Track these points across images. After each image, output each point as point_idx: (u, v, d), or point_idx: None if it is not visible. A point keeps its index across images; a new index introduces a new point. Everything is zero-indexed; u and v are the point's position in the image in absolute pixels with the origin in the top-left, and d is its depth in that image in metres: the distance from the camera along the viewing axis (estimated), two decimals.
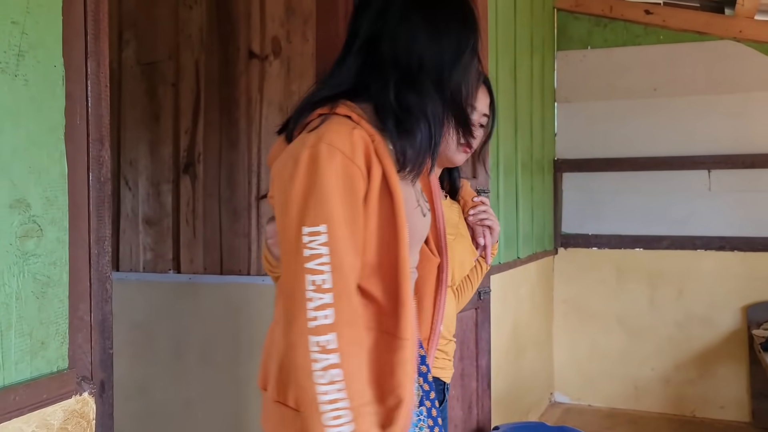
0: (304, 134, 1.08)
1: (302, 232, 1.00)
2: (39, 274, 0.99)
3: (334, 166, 1.01)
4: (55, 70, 1.02)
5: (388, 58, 1.11)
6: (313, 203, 1.00)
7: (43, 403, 0.98)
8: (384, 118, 1.09)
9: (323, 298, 0.99)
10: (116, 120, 3.25)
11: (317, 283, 0.99)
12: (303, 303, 0.99)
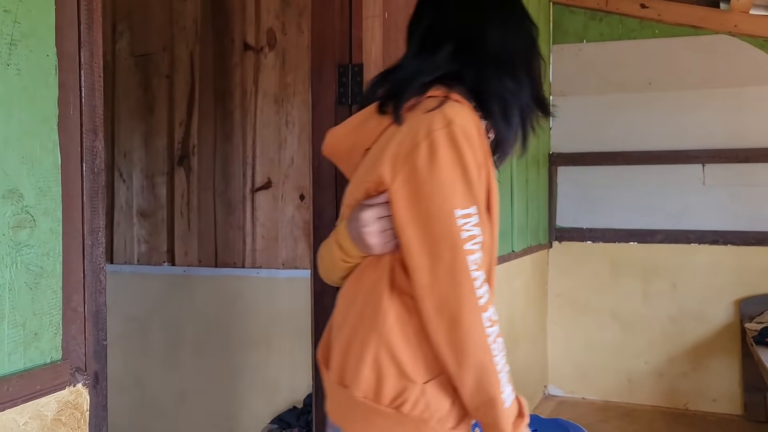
0: (425, 114, 1.06)
1: (455, 215, 1.02)
2: (32, 265, 0.98)
3: (470, 149, 1.03)
4: (47, 59, 1.01)
5: (482, 46, 1.13)
6: (461, 186, 1.02)
7: (37, 394, 0.98)
8: (489, 105, 1.11)
9: (481, 276, 1.03)
10: (110, 112, 3.24)
11: (477, 263, 1.03)
12: (470, 284, 1.02)
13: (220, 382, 3.03)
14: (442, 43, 1.13)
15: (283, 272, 2.91)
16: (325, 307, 1.92)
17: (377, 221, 1.09)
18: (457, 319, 1.01)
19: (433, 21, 1.17)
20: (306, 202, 2.87)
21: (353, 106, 1.88)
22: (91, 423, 1.08)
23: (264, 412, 2.88)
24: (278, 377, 2.92)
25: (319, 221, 1.93)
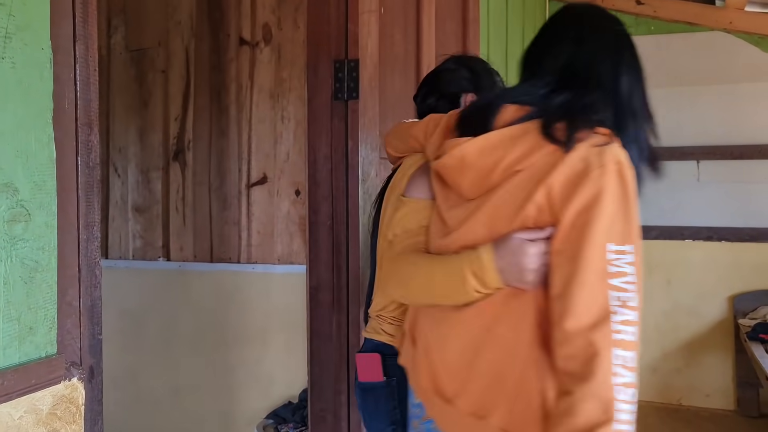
0: (595, 148, 1.06)
1: (607, 249, 1.01)
2: (27, 259, 0.98)
3: (634, 191, 1.04)
4: (42, 53, 1.00)
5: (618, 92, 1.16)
6: (622, 223, 1.02)
7: (32, 389, 0.98)
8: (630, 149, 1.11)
9: (628, 315, 0.99)
10: (105, 107, 3.23)
11: (622, 299, 1.00)
12: (607, 315, 0.99)
13: (215, 377, 3.03)
14: (585, 83, 1.16)
15: (279, 268, 2.91)
16: (320, 302, 1.92)
17: (540, 257, 1.07)
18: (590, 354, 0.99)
19: (572, 59, 1.18)
20: (301, 198, 2.87)
21: (349, 101, 1.88)
22: (87, 417, 1.08)
23: (259, 407, 2.88)
24: (273, 372, 2.92)
25: (314, 217, 1.93)
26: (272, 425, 2.67)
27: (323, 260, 1.92)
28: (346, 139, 1.88)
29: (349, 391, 1.91)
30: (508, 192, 1.10)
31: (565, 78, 1.16)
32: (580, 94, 1.14)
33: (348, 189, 1.89)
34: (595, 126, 1.10)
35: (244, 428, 2.94)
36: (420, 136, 1.35)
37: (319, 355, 1.93)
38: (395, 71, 2.08)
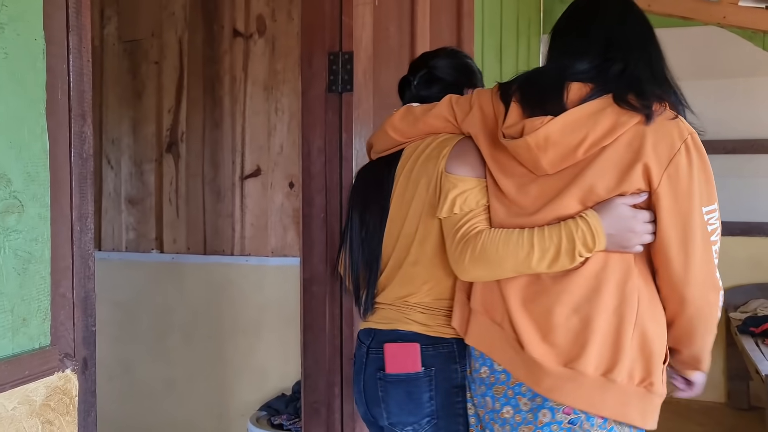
0: (672, 121, 1.23)
1: (704, 211, 1.22)
2: (20, 250, 0.98)
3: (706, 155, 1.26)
4: (35, 43, 1.00)
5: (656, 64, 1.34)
6: (706, 186, 1.23)
7: (25, 380, 0.98)
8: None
9: (717, 261, 1.25)
10: (98, 98, 3.21)
11: (717, 252, 1.25)
12: (714, 270, 1.25)
13: (208, 370, 3.03)
14: (629, 57, 1.29)
15: (273, 260, 2.92)
16: (314, 294, 1.92)
17: (647, 223, 1.23)
18: (706, 301, 1.25)
19: (616, 35, 1.31)
20: (295, 190, 2.86)
21: (343, 93, 1.88)
22: (80, 408, 1.08)
23: (253, 399, 2.89)
24: (267, 364, 2.93)
25: (308, 209, 1.93)
26: (265, 417, 2.68)
27: (317, 253, 1.92)
28: (340, 131, 1.88)
29: (343, 383, 1.91)
30: (602, 168, 1.22)
31: (611, 52, 1.27)
32: (632, 67, 1.27)
33: (342, 181, 1.89)
34: (658, 100, 1.24)
35: (237, 420, 2.95)
36: (451, 118, 1.41)
37: (313, 348, 1.94)
38: (390, 64, 2.08)
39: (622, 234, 1.21)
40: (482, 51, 3.32)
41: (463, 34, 2.54)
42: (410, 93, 1.60)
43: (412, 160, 1.45)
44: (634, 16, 1.35)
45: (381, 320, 1.46)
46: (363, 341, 1.49)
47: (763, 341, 3.38)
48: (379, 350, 1.43)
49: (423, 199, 1.40)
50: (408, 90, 1.61)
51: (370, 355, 1.45)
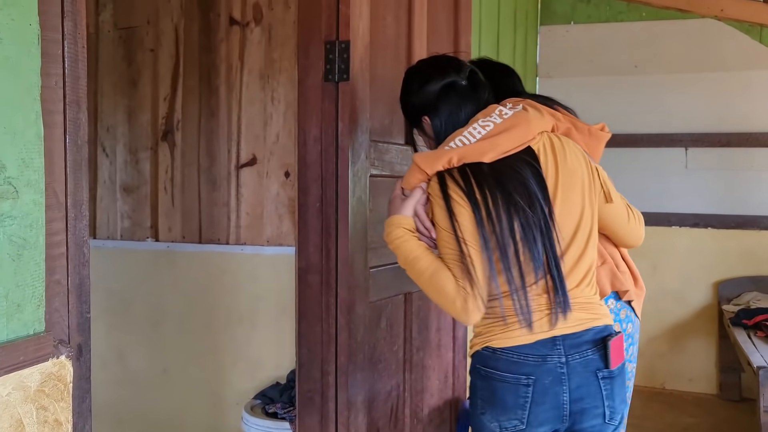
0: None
1: None
2: (15, 236, 0.98)
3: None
4: (30, 28, 0.99)
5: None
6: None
7: (20, 365, 0.98)
8: None
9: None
10: (93, 86, 3.20)
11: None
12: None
13: (203, 358, 3.04)
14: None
15: (268, 249, 2.92)
16: (309, 284, 1.93)
17: None
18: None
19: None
20: (291, 180, 2.86)
21: (339, 83, 1.87)
22: (75, 395, 1.08)
23: (247, 388, 2.90)
24: (261, 353, 2.94)
25: (304, 198, 1.93)
26: (260, 405, 2.69)
27: (312, 242, 1.92)
28: (336, 121, 1.88)
29: (337, 372, 1.92)
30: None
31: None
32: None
33: (338, 171, 1.88)
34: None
35: (232, 408, 2.96)
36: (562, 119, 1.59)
37: (308, 337, 1.94)
38: (386, 54, 2.08)
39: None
40: (479, 42, 3.31)
41: (460, 25, 2.54)
42: (459, 93, 1.55)
43: (556, 157, 1.45)
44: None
45: (571, 323, 1.41)
46: (551, 352, 1.40)
47: (755, 333, 3.41)
48: (587, 351, 1.41)
49: (583, 193, 1.45)
50: (454, 90, 1.55)
51: (577, 359, 1.40)
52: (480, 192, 1.39)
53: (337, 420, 1.92)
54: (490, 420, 1.43)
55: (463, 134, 1.46)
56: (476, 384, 1.47)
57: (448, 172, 1.43)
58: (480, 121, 1.48)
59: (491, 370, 1.42)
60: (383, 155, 2.04)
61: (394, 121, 2.13)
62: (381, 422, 2.10)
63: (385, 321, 2.11)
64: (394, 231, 1.48)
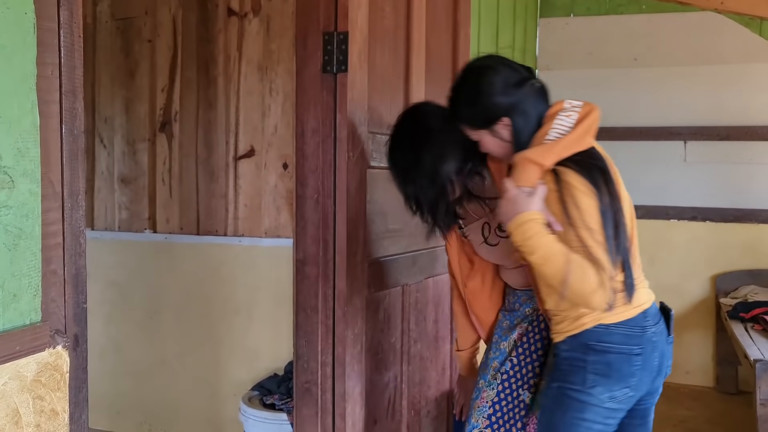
0: None
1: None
2: (10, 226, 0.97)
3: None
4: (26, 17, 0.99)
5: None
6: None
7: (16, 355, 0.98)
8: None
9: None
10: (90, 77, 3.18)
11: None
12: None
13: (201, 349, 3.04)
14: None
15: (266, 241, 2.92)
16: (307, 275, 1.93)
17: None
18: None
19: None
20: (289, 171, 2.86)
21: (338, 74, 1.87)
22: (71, 385, 1.08)
23: (245, 379, 2.91)
24: (259, 345, 2.94)
25: (302, 190, 1.93)
26: (258, 397, 2.69)
27: (310, 234, 1.92)
28: (334, 112, 1.87)
29: (335, 363, 1.92)
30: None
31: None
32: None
33: (336, 162, 1.88)
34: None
35: (229, 400, 2.97)
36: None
37: (305, 328, 1.95)
38: (385, 45, 2.07)
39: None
40: (478, 34, 3.30)
41: (459, 17, 2.53)
42: (536, 92, 1.59)
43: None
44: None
45: (645, 299, 1.62)
46: (646, 324, 1.59)
47: (752, 327, 3.41)
48: (659, 322, 1.64)
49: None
50: (533, 89, 1.59)
51: (657, 329, 1.61)
52: (596, 178, 1.48)
53: (335, 411, 1.93)
54: (602, 392, 1.54)
55: (556, 126, 1.52)
56: (587, 360, 1.55)
57: (561, 163, 1.48)
58: (562, 113, 1.55)
59: (607, 344, 1.54)
60: (381, 147, 2.04)
61: (393, 112, 2.13)
62: (378, 413, 2.11)
63: (383, 313, 2.11)
64: (533, 226, 1.45)
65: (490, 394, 1.82)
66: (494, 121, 1.56)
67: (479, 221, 1.82)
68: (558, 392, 1.57)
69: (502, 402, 1.81)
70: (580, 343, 1.55)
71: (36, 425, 1.01)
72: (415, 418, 2.34)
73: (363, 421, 2.00)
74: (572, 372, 1.56)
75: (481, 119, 1.57)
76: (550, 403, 1.60)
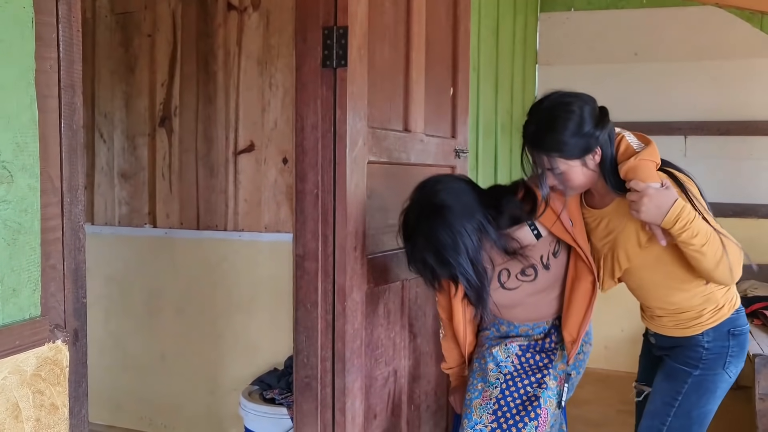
0: None
1: None
2: (10, 221, 0.97)
3: None
4: (24, 11, 0.99)
5: None
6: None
7: (16, 350, 0.98)
8: None
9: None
10: (90, 71, 3.18)
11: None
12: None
13: (201, 344, 3.05)
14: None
15: (266, 236, 2.92)
16: (307, 270, 1.93)
17: None
18: None
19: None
20: (289, 166, 2.86)
21: (337, 69, 1.86)
22: (71, 379, 1.08)
23: (245, 374, 2.91)
24: (259, 339, 2.95)
25: (301, 185, 1.93)
26: (258, 391, 2.70)
27: (310, 229, 1.92)
28: (334, 107, 1.87)
29: (334, 358, 1.93)
30: None
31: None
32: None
33: (335, 158, 1.88)
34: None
35: (229, 394, 2.97)
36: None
37: (305, 323, 1.95)
38: (385, 40, 2.06)
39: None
40: (479, 29, 3.30)
41: (459, 11, 2.52)
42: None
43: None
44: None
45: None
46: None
47: (752, 321, 3.42)
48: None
49: None
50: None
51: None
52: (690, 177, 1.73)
53: (335, 406, 1.93)
54: (734, 371, 1.75)
55: (631, 140, 1.71)
56: (728, 345, 1.72)
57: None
58: (620, 131, 1.73)
59: (741, 327, 1.75)
60: (381, 142, 2.04)
61: (392, 107, 2.13)
62: (378, 408, 2.11)
63: (383, 307, 2.11)
64: (689, 211, 1.56)
65: (493, 392, 1.85)
66: (590, 152, 1.63)
67: (495, 269, 1.86)
68: (699, 379, 1.72)
69: (507, 398, 1.84)
70: (722, 332, 1.72)
71: (36, 419, 1.01)
72: (414, 412, 2.34)
73: (363, 416, 2.01)
74: (715, 359, 1.71)
75: (580, 149, 1.62)
76: (689, 391, 1.72)
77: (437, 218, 1.65)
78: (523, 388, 1.84)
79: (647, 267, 1.71)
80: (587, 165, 1.64)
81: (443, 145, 2.44)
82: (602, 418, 3.51)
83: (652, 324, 1.86)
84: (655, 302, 1.78)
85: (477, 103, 3.37)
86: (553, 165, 1.63)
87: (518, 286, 1.87)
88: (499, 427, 1.80)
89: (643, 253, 1.69)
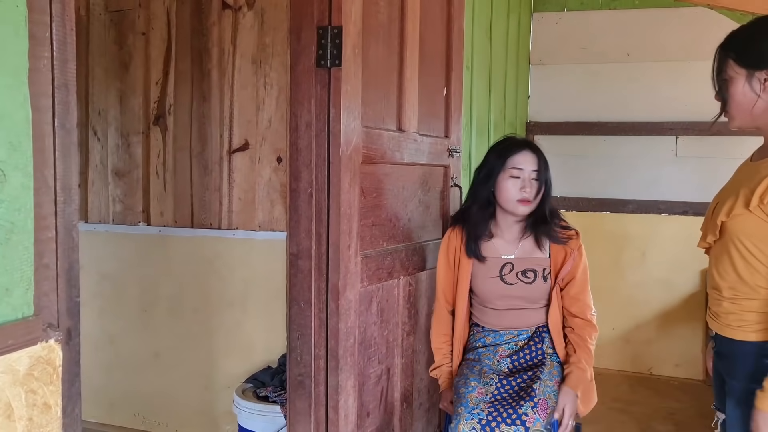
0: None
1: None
2: (2, 220, 0.97)
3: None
4: (17, 10, 0.99)
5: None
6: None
7: (9, 349, 0.98)
8: None
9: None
10: (84, 69, 3.17)
11: None
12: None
13: (195, 342, 3.05)
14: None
15: (260, 234, 2.92)
16: (300, 269, 1.94)
17: None
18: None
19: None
20: (283, 165, 2.86)
21: (332, 68, 1.87)
22: (64, 378, 1.08)
23: (239, 372, 2.91)
24: (253, 337, 2.95)
25: (296, 184, 1.93)
26: (251, 389, 2.70)
27: (304, 227, 1.93)
28: (328, 106, 1.88)
29: (328, 356, 1.93)
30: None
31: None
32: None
33: (330, 156, 1.89)
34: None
35: (223, 392, 2.98)
36: None
37: (299, 321, 1.96)
38: (379, 39, 2.07)
39: None
40: (472, 28, 3.30)
41: (453, 11, 2.53)
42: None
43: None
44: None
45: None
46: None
47: None
48: None
49: None
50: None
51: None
52: None
53: (328, 403, 1.94)
54: None
55: None
56: None
57: None
58: None
59: None
60: (375, 141, 2.04)
61: (386, 106, 2.13)
62: (371, 405, 2.12)
63: (376, 306, 2.12)
64: None
65: (489, 389, 1.91)
66: (762, 66, 1.51)
67: (501, 258, 2.05)
68: (750, 393, 1.46)
69: (502, 391, 1.94)
70: None
71: (28, 419, 1.01)
72: (407, 410, 2.35)
73: (356, 413, 2.02)
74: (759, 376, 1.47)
75: (754, 58, 1.53)
76: (743, 405, 1.49)
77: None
78: (524, 382, 1.96)
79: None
80: (751, 84, 1.52)
81: (437, 145, 2.45)
82: (592, 415, 3.53)
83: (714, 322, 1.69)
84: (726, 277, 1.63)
85: (470, 103, 3.38)
86: (723, 68, 1.59)
87: (515, 283, 2.03)
88: (495, 410, 1.86)
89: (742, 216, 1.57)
